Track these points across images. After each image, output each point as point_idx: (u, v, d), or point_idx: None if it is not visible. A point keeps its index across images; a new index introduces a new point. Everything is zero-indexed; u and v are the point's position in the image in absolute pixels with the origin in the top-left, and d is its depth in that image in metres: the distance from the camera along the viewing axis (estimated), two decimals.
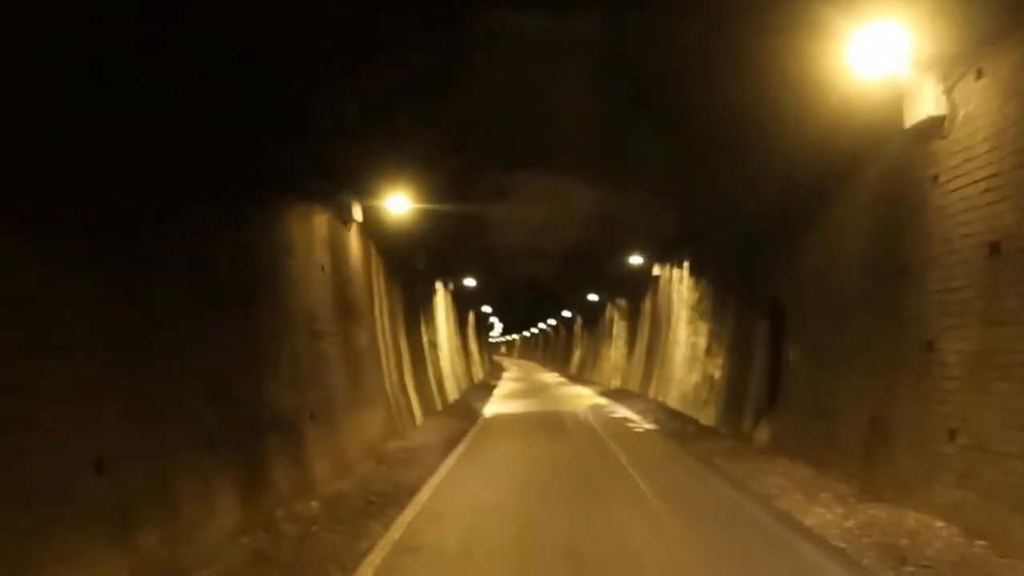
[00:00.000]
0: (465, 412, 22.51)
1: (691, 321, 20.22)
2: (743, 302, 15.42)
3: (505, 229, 27.85)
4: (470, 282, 32.03)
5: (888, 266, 8.94)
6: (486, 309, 49.50)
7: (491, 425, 19.31)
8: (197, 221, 7.49)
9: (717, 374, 16.87)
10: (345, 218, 13.78)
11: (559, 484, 10.52)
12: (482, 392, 32.43)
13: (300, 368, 10.41)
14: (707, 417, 16.93)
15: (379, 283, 16.86)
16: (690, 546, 7.14)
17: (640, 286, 29.21)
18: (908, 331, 8.38)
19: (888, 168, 9.07)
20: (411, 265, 22.20)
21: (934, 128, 7.98)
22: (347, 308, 13.53)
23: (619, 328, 36.05)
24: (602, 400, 26.51)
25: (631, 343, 31.77)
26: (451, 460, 13.12)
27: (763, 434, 13.29)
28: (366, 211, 14.83)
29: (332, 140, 12.52)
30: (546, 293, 45.32)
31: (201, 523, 6.69)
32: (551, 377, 48.31)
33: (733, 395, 15.43)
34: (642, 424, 18.05)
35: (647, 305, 28.32)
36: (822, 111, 9.35)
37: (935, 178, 8.03)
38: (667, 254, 24.13)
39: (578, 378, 44.20)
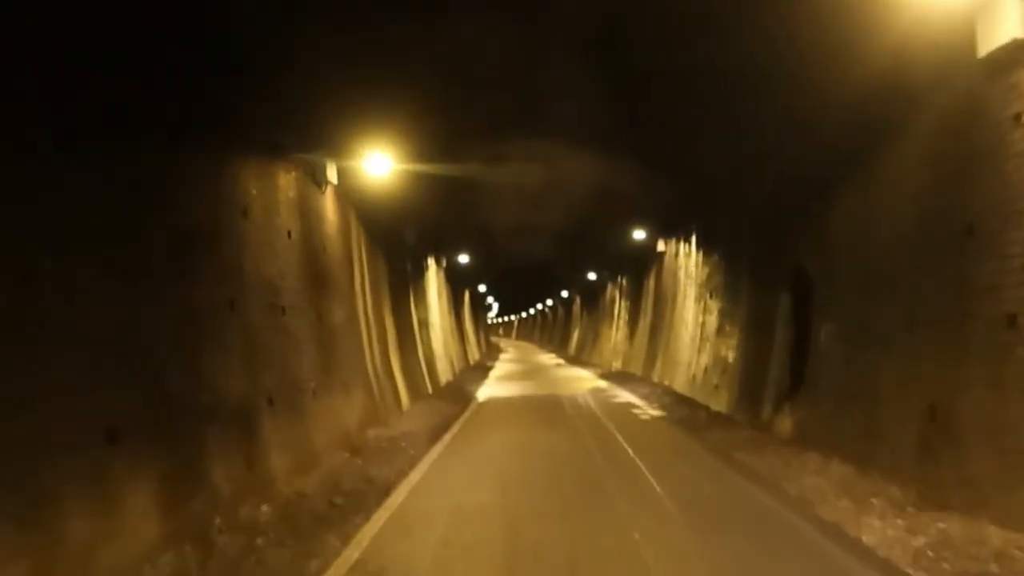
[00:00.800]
0: (457, 395, 21.08)
1: (700, 299, 18.75)
2: (760, 276, 13.95)
3: (499, 203, 26.32)
4: (464, 259, 30.52)
5: (950, 226, 7.45)
6: (482, 288, 48.01)
7: (484, 410, 17.88)
8: (103, 169, 5.98)
9: (730, 356, 15.42)
10: (319, 179, 12.26)
11: (557, 483, 9.08)
12: (477, 374, 31.02)
13: (256, 346, 8.94)
14: (719, 403, 15.49)
15: (361, 255, 15.37)
16: (721, 573, 5.70)
17: (643, 263, 27.74)
18: (979, 304, 6.91)
19: (953, 109, 7.56)
20: (399, 238, 20.70)
21: (1018, 54, 6.47)
22: (320, 280, 12.05)
23: (620, 308, 34.60)
24: (603, 383, 25.08)
25: (633, 323, 30.33)
26: (436, 451, 11.69)
27: (785, 423, 11.85)
28: (344, 173, 13.33)
29: (302, 90, 11.01)
30: (544, 272, 43.88)
31: (100, 542, 5.23)
32: (549, 358, 46.89)
33: (749, 379, 13.98)
34: (647, 410, 16.61)
35: (650, 283, 26.84)
36: (864, 45, 7.83)
37: (1018, 117, 6.53)
38: (673, 228, 22.63)
39: (577, 359, 42.79)
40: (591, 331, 44.65)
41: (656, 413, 15.91)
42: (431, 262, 26.86)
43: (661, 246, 24.24)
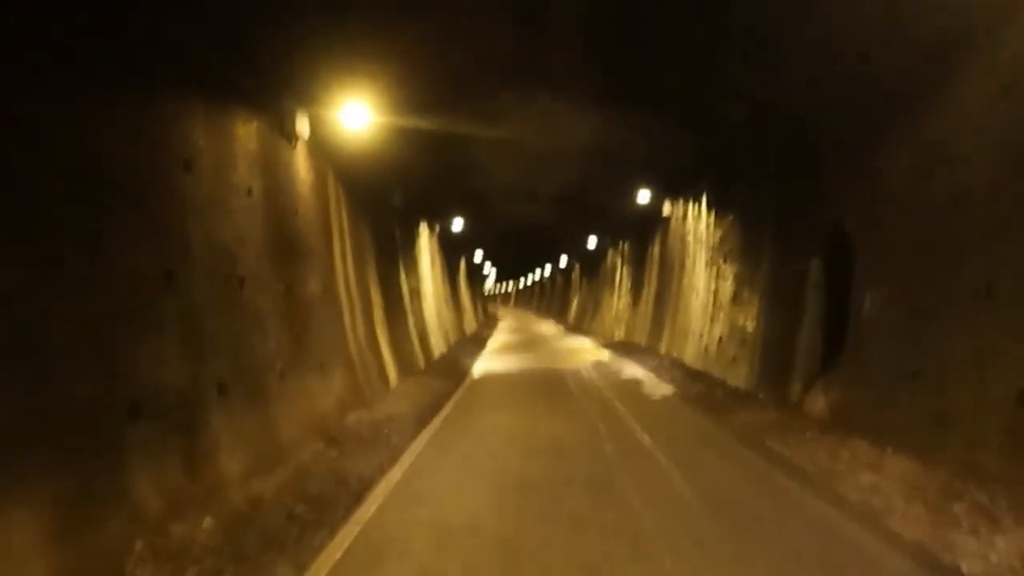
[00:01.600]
0: (451, 370, 19.68)
1: (711, 264, 17.29)
2: (786, 237, 12.48)
3: (495, 164, 24.84)
4: (458, 225, 29.00)
5: None
6: (478, 257, 46.53)
7: (480, 388, 16.48)
8: None
9: (749, 326, 14.00)
10: (287, 132, 10.73)
11: (564, 483, 7.67)
12: (473, 346, 29.62)
13: (203, 325, 7.49)
14: (737, 378, 14.10)
15: (341, 220, 13.87)
16: None
17: (646, 228, 26.24)
18: None
19: None
20: (386, 202, 19.19)
21: None
22: (290, 247, 10.57)
23: (622, 275, 33.15)
24: (606, 355, 23.68)
25: (636, 291, 28.90)
26: (423, 439, 10.30)
27: (818, 403, 10.45)
28: (320, 127, 11.82)
29: (266, 29, 9.49)
30: (542, 239, 42.44)
31: None
32: (548, 328, 45.51)
33: (773, 352, 12.57)
34: (658, 387, 15.21)
35: (655, 249, 25.36)
36: None
37: None
38: (680, 188, 21.13)
39: (577, 328, 41.40)
40: (591, 299, 43.23)
41: (668, 390, 14.50)
42: (423, 228, 25.36)
43: (667, 209, 22.74)
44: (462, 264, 42.78)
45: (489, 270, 68.45)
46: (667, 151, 20.06)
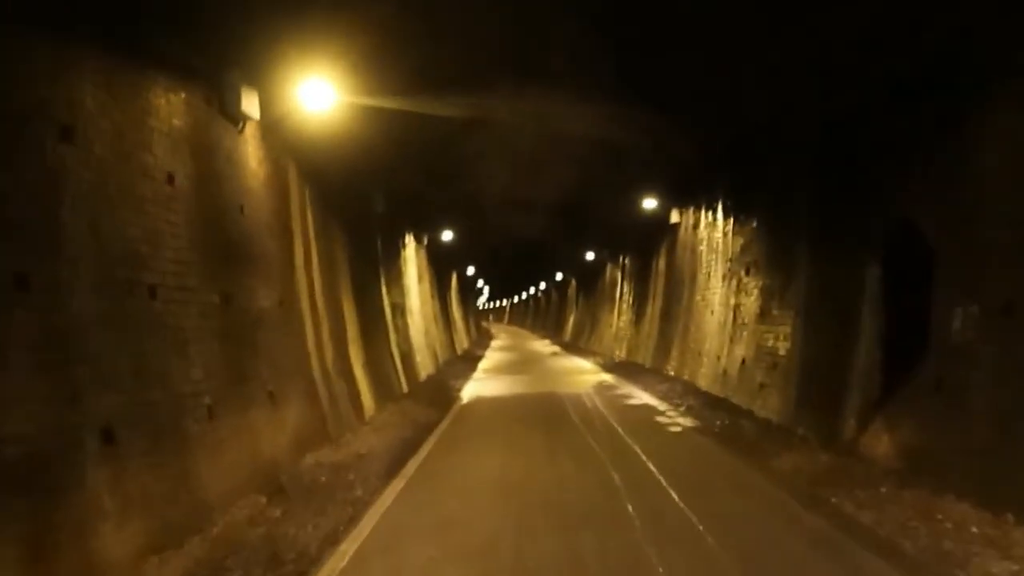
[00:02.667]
0: (438, 395, 17.65)
1: (730, 277, 15.34)
2: (829, 241, 10.53)
3: (486, 171, 22.96)
4: (448, 236, 27.05)
5: None
6: (471, 271, 44.57)
7: (469, 417, 14.44)
8: None
9: (781, 347, 12.01)
10: (230, 110, 8.75)
11: (575, 569, 5.63)
12: (465, 366, 27.59)
13: (82, 348, 5.49)
14: (766, 407, 12.12)
15: (306, 221, 11.89)
16: None
17: (651, 239, 24.30)
18: None
19: None
20: (366, 206, 17.23)
21: None
22: (231, 250, 8.58)
23: (623, 290, 31.20)
24: (608, 377, 21.65)
25: (639, 307, 26.93)
26: (394, 489, 8.28)
27: (880, 444, 8.47)
28: (275, 107, 9.88)
29: None
30: (537, 253, 40.55)
31: None
32: (543, 346, 43.50)
33: (815, 379, 10.59)
34: (674, 417, 13.18)
35: (660, 261, 23.41)
36: None
37: None
38: (690, 194, 19.21)
39: (573, 347, 39.39)
40: (588, 316, 41.29)
41: (688, 422, 12.46)
42: (410, 239, 23.40)
43: (675, 217, 20.82)
44: (453, 279, 40.82)
45: (482, 286, 66.52)
46: (676, 152, 18.18)
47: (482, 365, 28.50)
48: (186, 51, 7.73)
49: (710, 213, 17.49)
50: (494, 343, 48.13)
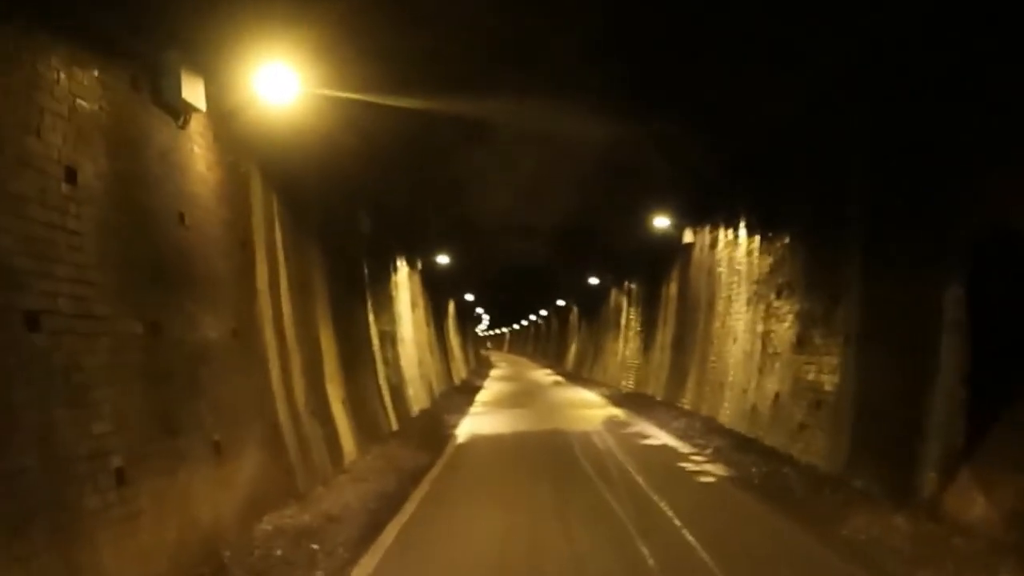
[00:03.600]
0: (431, 433, 15.91)
1: (757, 301, 13.67)
2: (891, 255, 8.85)
3: (484, 192, 21.41)
4: (444, 260, 25.41)
5: None
6: (469, 298, 42.88)
7: (463, 462, 12.69)
8: None
9: (827, 381, 10.29)
10: (166, 98, 7.09)
11: None
12: (462, 398, 25.82)
13: None
14: (810, 452, 10.40)
15: (273, 238, 10.21)
16: None
17: (660, 262, 22.65)
18: None
19: None
20: (350, 225, 15.60)
21: None
22: (165, 269, 6.90)
23: (628, 317, 29.50)
24: (618, 411, 19.88)
25: (647, 334, 25.22)
26: (365, 571, 6.52)
27: (977, 505, 6.76)
28: (231, 97, 8.29)
29: None
30: (537, 280, 38.97)
31: None
32: (545, 375, 41.72)
33: (877, 420, 8.87)
34: (701, 463, 11.41)
35: (671, 285, 21.74)
36: None
37: None
38: (706, 211, 17.60)
39: (576, 377, 37.61)
40: (591, 344, 39.56)
41: (719, 470, 10.69)
42: (402, 263, 21.75)
43: (688, 237, 19.19)
44: (451, 306, 39.14)
45: (481, 313, 64.82)
46: (691, 165, 16.59)
47: (480, 397, 26.73)
48: (103, 18, 6.10)
49: (730, 231, 15.85)
50: (493, 372, 46.35)
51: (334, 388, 12.41)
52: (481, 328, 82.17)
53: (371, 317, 16.44)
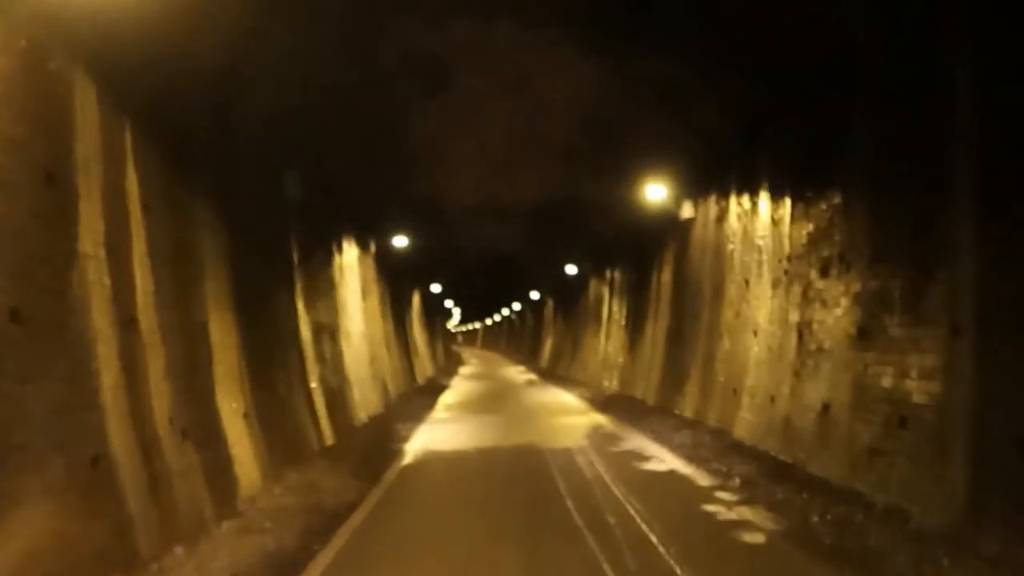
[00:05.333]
0: (373, 449, 12.72)
1: (788, 281, 10.61)
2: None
3: (448, 165, 18.26)
4: (402, 241, 22.17)
5: None
6: (436, 289, 39.60)
7: (405, 495, 9.49)
8: None
9: (916, 389, 7.20)
10: None
11: None
12: (423, 400, 22.60)
13: None
14: (887, 488, 7.34)
15: (119, 181, 6.93)
16: None
17: (651, 244, 19.62)
18: None
19: None
20: (272, 187, 12.35)
21: None
22: None
23: (611, 308, 26.43)
24: (603, 419, 16.75)
25: (634, 328, 22.15)
26: None
27: None
28: None
29: None
30: (510, 269, 35.88)
31: None
32: (518, 373, 38.59)
33: (1020, 450, 5.77)
34: (733, 504, 8.22)
35: (664, 271, 18.68)
36: None
37: None
38: (713, 177, 14.51)
39: (552, 375, 34.49)
40: (568, 340, 36.48)
41: (762, 518, 7.51)
42: (350, 244, 18.49)
43: (687, 211, 16.11)
44: (416, 298, 35.87)
45: (452, 307, 61.49)
46: (695, 121, 13.55)
47: (444, 399, 23.53)
48: None
49: (745, 197, 12.79)
50: (463, 370, 43.15)
51: (231, 396, 9.16)
52: (452, 323, 78.91)
53: (300, 304, 13.18)
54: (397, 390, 23.43)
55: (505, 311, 66.91)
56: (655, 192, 15.95)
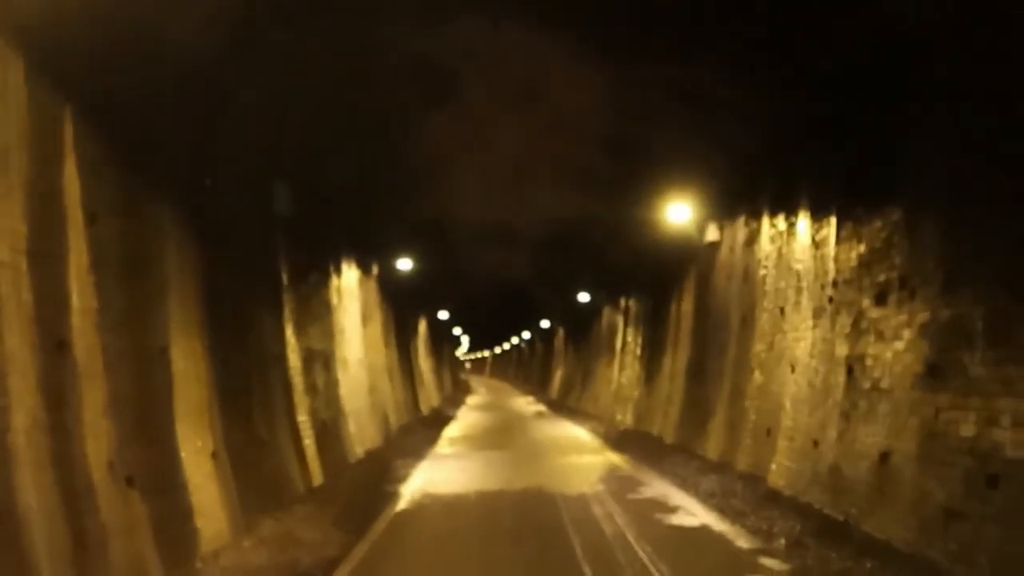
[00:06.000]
0: (365, 492, 11.47)
1: (835, 311, 9.35)
2: None
3: (454, 184, 17.14)
4: (406, 264, 21.03)
5: None
6: (444, 316, 38.40)
7: (393, 557, 8.20)
8: None
9: (1012, 442, 5.91)
10: None
11: None
12: (426, 433, 21.33)
13: None
14: (971, 560, 6.02)
15: (45, 174, 5.78)
16: None
17: (670, 271, 18.43)
18: None
19: None
20: (260, 200, 11.24)
21: None
22: None
23: (626, 338, 25.17)
24: (618, 459, 15.44)
25: (650, 359, 20.88)
26: None
27: None
28: None
29: None
30: (520, 297, 34.76)
31: None
32: (527, 404, 37.26)
33: None
34: (781, 574, 6.97)
35: (685, 300, 17.45)
36: None
37: None
38: (743, 196, 13.32)
39: (561, 406, 33.15)
40: (579, 370, 35.19)
41: None
42: (350, 267, 17.34)
43: (712, 234, 14.93)
44: (422, 325, 34.68)
45: (460, 335, 60.23)
46: (725, 134, 12.39)
47: (449, 432, 22.25)
48: None
49: (780, 217, 11.58)
50: (470, 400, 41.85)
51: (197, 433, 7.95)
52: (461, 351, 77.64)
53: (289, 329, 11.98)
54: (399, 421, 22.17)
55: (515, 339, 65.69)
56: (678, 213, 14.77)
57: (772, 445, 10.97)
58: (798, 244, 10.78)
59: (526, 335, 57.64)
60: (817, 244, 10.11)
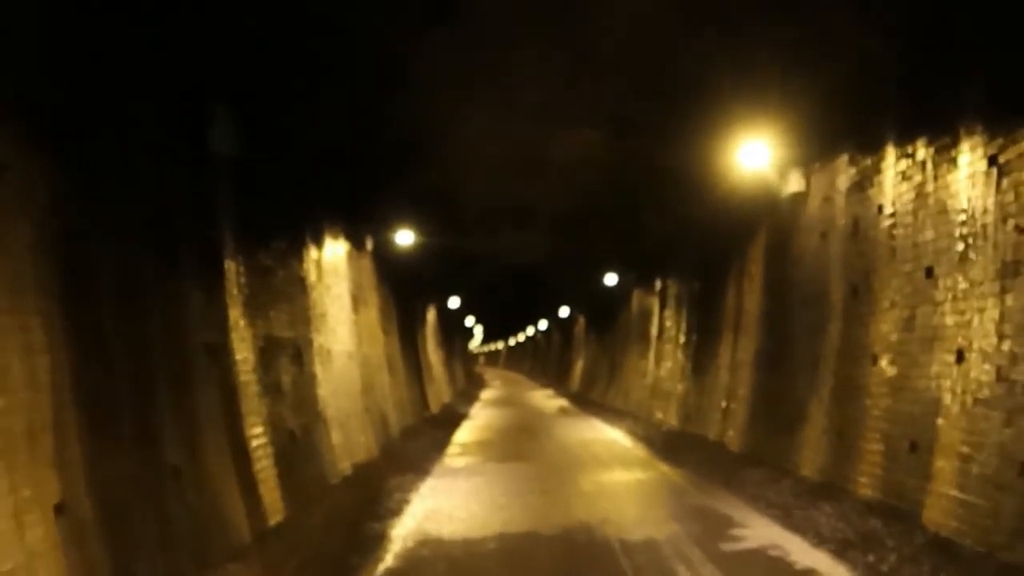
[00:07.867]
0: (341, 534, 8.16)
1: None
2: None
3: (466, 141, 13.67)
4: (407, 238, 17.66)
5: None
6: (455, 303, 35.03)
7: None
8: None
9: None
10: None
11: None
12: (433, 437, 18.01)
13: None
14: None
15: None
16: None
17: (725, 238, 15.02)
18: None
19: None
20: (190, 131, 7.91)
21: None
22: None
23: (663, 323, 21.75)
24: (676, 474, 12.02)
25: (699, 348, 17.48)
26: None
27: None
28: None
29: None
30: (536, 283, 31.35)
31: None
32: (546, 398, 33.90)
33: None
34: None
35: (748, 274, 14.05)
36: None
37: None
38: (847, 127, 9.87)
39: (586, 401, 29.80)
40: (604, 361, 31.77)
41: None
42: (336, 238, 14.01)
43: (795, 183, 11.51)
44: (431, 314, 31.36)
45: (474, 326, 56.84)
46: (811, 41, 8.97)
47: (460, 436, 18.92)
48: None
49: (921, 143, 8.15)
50: (484, 395, 38.55)
51: (23, 477, 4.63)
52: (475, 344, 74.42)
53: (235, 310, 8.65)
54: (402, 423, 18.86)
55: (530, 330, 62.38)
56: (749, 157, 11.33)
57: (922, 465, 7.57)
58: (960, 175, 7.37)
59: (542, 325, 54.27)
60: (1003, 169, 6.71)
